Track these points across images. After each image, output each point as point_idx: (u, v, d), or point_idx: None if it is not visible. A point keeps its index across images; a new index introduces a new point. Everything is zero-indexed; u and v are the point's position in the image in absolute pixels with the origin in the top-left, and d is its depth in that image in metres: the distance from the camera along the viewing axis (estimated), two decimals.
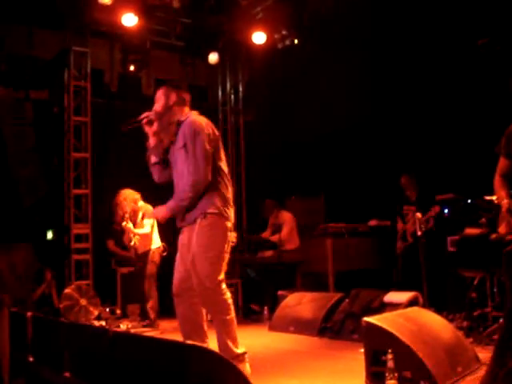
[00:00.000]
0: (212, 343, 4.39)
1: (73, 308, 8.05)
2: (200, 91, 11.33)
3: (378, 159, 8.72)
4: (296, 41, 9.38)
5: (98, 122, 9.50)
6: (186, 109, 4.51)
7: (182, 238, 4.41)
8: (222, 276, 4.25)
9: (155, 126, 4.48)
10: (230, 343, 4.20)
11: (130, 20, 8.72)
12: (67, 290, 8.19)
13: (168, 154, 4.50)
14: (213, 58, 10.07)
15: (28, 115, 9.30)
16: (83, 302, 8.16)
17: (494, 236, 5.02)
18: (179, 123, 4.40)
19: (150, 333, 6.98)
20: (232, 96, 11.31)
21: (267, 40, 9.50)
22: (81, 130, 9.29)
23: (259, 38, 9.49)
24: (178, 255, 4.44)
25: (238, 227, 10.59)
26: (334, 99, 8.86)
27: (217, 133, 4.50)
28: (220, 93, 11.34)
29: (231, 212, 4.34)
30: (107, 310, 8.36)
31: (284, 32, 9.41)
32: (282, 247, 8.38)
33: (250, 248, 9.58)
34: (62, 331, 4.58)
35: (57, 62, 9.40)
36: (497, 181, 4.00)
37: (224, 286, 4.26)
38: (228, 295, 4.28)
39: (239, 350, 4.24)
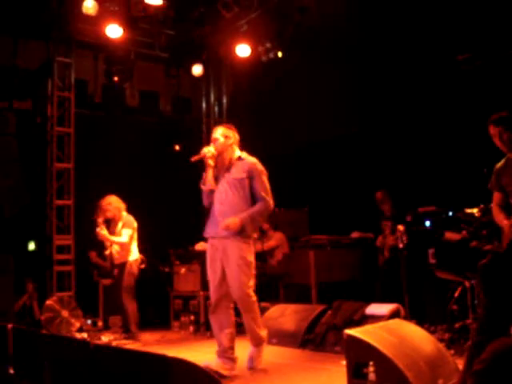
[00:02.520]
0: (197, 356, 4.38)
1: (54, 320, 7.99)
2: (184, 103, 11.36)
3: (361, 172, 8.78)
4: (280, 54, 9.44)
5: (82, 133, 9.48)
6: (237, 147, 5.46)
7: (214, 253, 5.27)
8: (252, 283, 5.17)
9: (215, 160, 5.33)
10: (256, 329, 5.31)
11: (114, 31, 8.72)
12: (49, 302, 8.13)
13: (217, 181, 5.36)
14: (197, 69, 10.12)
15: (11, 125, 9.25)
16: (65, 313, 8.10)
17: (474, 243, 5.19)
18: (238, 160, 5.36)
19: (131, 345, 6.95)
20: (216, 108, 11.35)
21: (251, 52, 9.55)
22: (64, 140, 9.27)
23: (243, 50, 9.53)
24: (213, 270, 5.30)
25: None
26: (317, 112, 8.92)
27: None
28: (204, 104, 11.37)
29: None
30: (89, 321, 8.31)
31: (268, 45, 9.45)
32: (264, 259, 8.41)
33: None
34: (43, 343, 4.55)
35: (40, 72, 9.38)
36: (495, 209, 4.61)
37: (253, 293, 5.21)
38: (255, 298, 5.24)
39: (263, 333, 5.39)
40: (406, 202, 7.41)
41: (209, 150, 5.30)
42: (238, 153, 5.41)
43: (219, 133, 5.40)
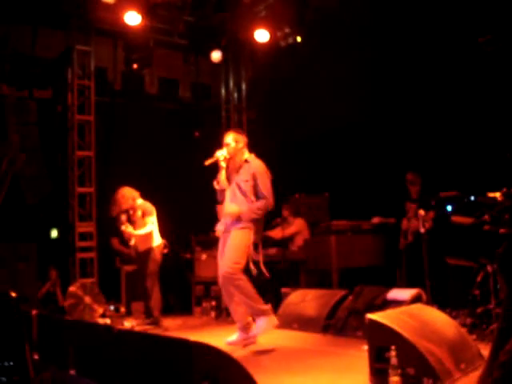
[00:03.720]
0: (219, 341, 4.40)
1: (77, 306, 8.09)
2: (203, 89, 11.36)
3: (382, 156, 8.72)
4: (299, 38, 9.38)
5: (102, 121, 9.53)
6: (247, 149, 6.00)
7: (221, 243, 5.93)
8: (238, 267, 5.66)
9: (226, 162, 5.93)
10: (253, 304, 5.67)
11: (133, 18, 8.73)
12: (72, 288, 8.23)
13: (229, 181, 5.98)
14: (216, 56, 10.09)
15: (32, 114, 9.33)
16: (88, 299, 8.19)
17: (487, 227, 5.11)
18: (245, 162, 5.89)
19: (153, 331, 7.01)
20: (235, 94, 11.32)
21: (270, 38, 9.51)
22: (84, 128, 9.32)
23: (262, 35, 9.49)
24: (220, 253, 5.89)
25: None
26: (337, 96, 8.85)
27: None
28: (223, 91, 11.36)
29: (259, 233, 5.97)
30: (112, 307, 8.39)
31: (287, 30, 9.41)
32: (285, 245, 8.42)
33: (254, 245, 9.59)
34: (67, 329, 4.61)
35: (60, 60, 9.43)
36: None
37: (239, 274, 5.69)
38: (243, 277, 5.70)
39: (264, 307, 5.72)
40: (431, 186, 7.36)
41: (222, 154, 5.88)
42: (246, 155, 5.94)
43: (230, 138, 5.96)
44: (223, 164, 5.91)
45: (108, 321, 7.79)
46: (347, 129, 9.10)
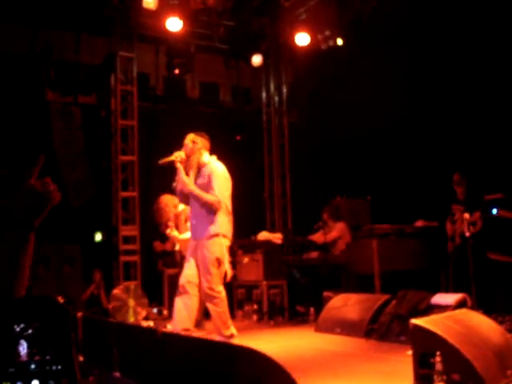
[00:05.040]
0: (261, 345, 4.41)
1: (121, 308, 8.18)
2: (244, 93, 11.41)
3: (424, 159, 8.62)
4: (339, 41, 9.35)
5: (145, 125, 9.65)
6: (207, 153, 5.84)
7: (192, 249, 5.69)
8: (220, 282, 5.58)
9: (184, 164, 5.73)
10: (220, 326, 5.54)
11: (174, 24, 8.83)
12: (116, 291, 8.34)
13: None
14: (256, 59, 10.12)
15: (76, 119, 9.50)
16: (131, 302, 8.28)
17: None
18: (204, 164, 5.74)
19: (197, 333, 7.05)
20: (276, 97, 11.35)
21: (310, 41, 9.50)
22: (127, 133, 9.45)
23: (302, 39, 9.49)
24: (190, 259, 5.69)
25: (283, 228, 10.62)
26: (378, 98, 8.79)
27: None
28: (264, 94, 11.39)
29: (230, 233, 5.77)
30: (155, 310, 8.47)
31: (327, 33, 9.40)
32: (326, 248, 8.38)
33: (296, 249, 9.58)
34: (112, 331, 4.67)
35: (104, 66, 9.58)
36: None
37: (221, 288, 5.60)
38: (222, 295, 5.59)
39: (227, 333, 5.53)
40: (477, 187, 7.23)
41: (178, 155, 5.71)
42: (205, 157, 5.79)
43: (188, 139, 5.82)
44: (179, 165, 5.71)
45: (151, 323, 7.86)
46: (389, 131, 9.03)
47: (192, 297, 5.57)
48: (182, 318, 5.56)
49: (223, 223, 5.65)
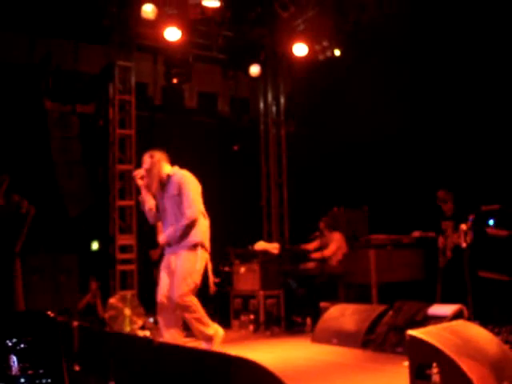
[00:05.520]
0: (258, 355, 4.39)
1: (117, 318, 8.17)
2: (242, 103, 11.44)
3: (421, 170, 8.64)
4: (337, 52, 9.39)
5: (142, 135, 9.66)
6: (167, 164, 5.65)
7: (166, 262, 5.56)
8: (191, 293, 5.35)
9: (146, 180, 5.59)
10: (202, 328, 5.39)
11: (172, 34, 8.85)
12: (112, 300, 8.32)
13: (157, 201, 5.65)
14: (254, 70, 10.15)
15: (74, 129, 9.52)
16: (127, 311, 8.27)
17: None
18: (169, 176, 5.57)
19: (193, 343, 7.03)
20: (274, 107, 11.37)
21: (308, 51, 9.54)
22: (125, 142, 9.46)
23: (300, 49, 9.53)
24: (163, 274, 5.54)
25: (280, 238, 10.62)
26: (376, 109, 8.83)
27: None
28: (262, 104, 11.41)
29: (207, 243, 5.59)
30: (151, 320, 8.44)
31: (325, 43, 9.43)
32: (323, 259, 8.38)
33: (293, 259, 9.57)
34: (108, 341, 4.66)
35: (102, 76, 9.60)
36: None
37: (192, 297, 5.36)
38: (194, 301, 5.37)
39: (211, 331, 5.47)
40: (468, 200, 7.24)
41: (138, 172, 5.62)
42: (167, 168, 5.62)
43: (145, 156, 5.67)
44: (140, 182, 5.60)
45: (147, 333, 7.85)
46: (386, 141, 9.05)
47: (175, 310, 5.44)
48: (171, 336, 5.42)
49: (200, 231, 5.51)
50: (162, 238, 5.57)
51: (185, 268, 5.37)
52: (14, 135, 8.91)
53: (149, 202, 5.63)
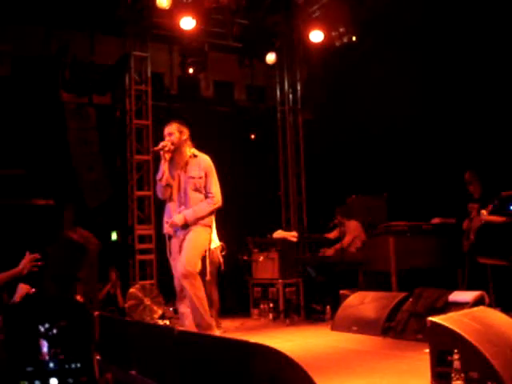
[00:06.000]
0: (277, 343, 4.39)
1: (137, 307, 8.22)
2: (258, 91, 11.40)
3: (441, 156, 8.55)
4: (354, 38, 9.30)
5: (159, 125, 9.65)
6: (190, 143, 5.51)
7: (176, 248, 5.36)
8: (198, 266, 5.21)
9: (170, 154, 5.37)
10: (202, 311, 5.13)
11: (188, 23, 8.83)
12: (132, 290, 8.38)
13: (175, 178, 5.43)
14: (270, 58, 10.10)
15: (91, 120, 9.54)
16: (147, 301, 8.32)
17: None
18: (193, 157, 5.43)
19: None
20: (290, 95, 11.31)
21: (325, 38, 9.46)
22: (142, 132, 9.48)
23: (316, 36, 9.46)
24: (174, 260, 5.38)
25: (298, 226, 10.61)
26: (393, 95, 8.74)
27: None
28: (278, 92, 11.37)
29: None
30: (171, 309, 8.49)
31: (342, 29, 9.34)
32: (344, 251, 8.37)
33: (311, 247, 9.57)
34: (129, 330, 4.69)
35: (118, 67, 9.61)
36: None
37: (198, 269, 5.20)
38: (199, 279, 5.19)
39: (211, 321, 5.32)
40: (496, 184, 7.14)
41: (166, 144, 5.35)
42: (192, 149, 5.48)
43: (174, 128, 5.43)
44: (167, 156, 5.34)
45: (167, 322, 7.89)
46: (404, 127, 8.96)
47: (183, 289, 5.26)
48: (192, 323, 5.25)
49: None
50: (178, 218, 5.28)
51: (197, 240, 5.28)
52: (32, 127, 8.96)
53: (167, 177, 5.39)
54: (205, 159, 5.44)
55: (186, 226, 5.29)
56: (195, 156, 5.44)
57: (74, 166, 9.43)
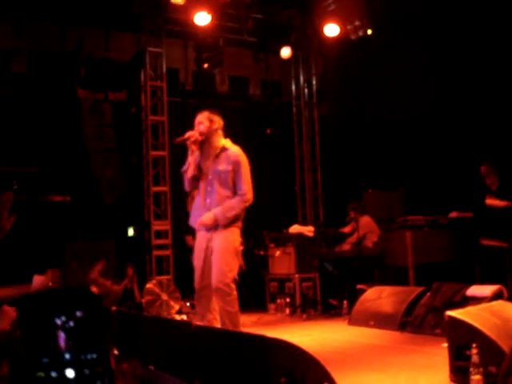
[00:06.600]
0: (295, 338, 4.39)
1: (154, 302, 8.25)
2: (273, 86, 11.39)
3: (458, 149, 8.49)
4: (369, 31, 9.24)
5: (175, 120, 9.68)
6: (222, 133, 5.15)
7: (203, 245, 5.03)
8: (234, 278, 4.89)
9: (198, 145, 5.04)
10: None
11: (202, 18, 8.82)
12: (149, 285, 8.41)
13: (203, 170, 5.10)
14: (285, 52, 10.07)
15: (107, 116, 9.59)
16: (164, 296, 8.34)
17: None
18: (224, 149, 5.05)
19: None
20: (306, 90, 11.27)
21: (340, 32, 9.42)
22: (158, 128, 9.49)
23: (332, 30, 9.41)
24: (199, 258, 5.03)
25: (314, 221, 10.59)
26: (409, 88, 8.68)
27: None
28: (294, 87, 11.33)
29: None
30: (188, 304, 8.51)
31: (357, 23, 9.29)
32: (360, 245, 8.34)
33: (328, 242, 9.54)
34: (146, 325, 4.70)
35: (133, 63, 9.64)
36: None
37: (234, 285, 4.88)
38: (235, 292, 4.88)
39: None
40: (507, 177, 7.09)
41: (193, 134, 5.02)
42: (223, 141, 5.12)
43: (204, 117, 5.10)
44: (193, 147, 5.02)
45: (184, 317, 7.91)
46: (420, 121, 8.91)
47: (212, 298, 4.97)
48: (210, 322, 4.98)
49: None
50: (207, 217, 4.95)
51: (228, 250, 4.92)
52: (48, 124, 9.03)
53: (194, 169, 5.07)
54: (234, 152, 5.06)
55: (215, 226, 4.96)
56: (226, 148, 5.07)
57: (90, 162, 9.49)
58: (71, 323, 1.78)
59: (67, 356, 1.78)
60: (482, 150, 7.97)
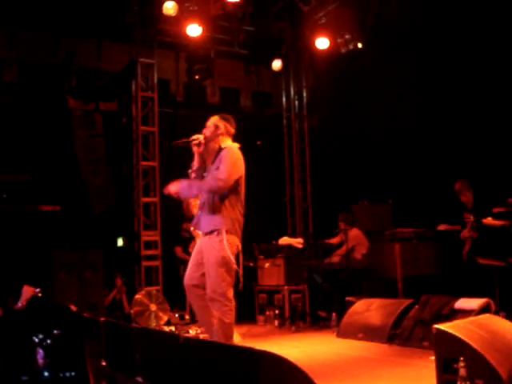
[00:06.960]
0: (283, 350, 4.39)
1: (143, 313, 8.23)
2: (264, 98, 11.42)
3: (446, 163, 8.55)
4: (360, 45, 9.32)
5: (165, 131, 9.69)
6: (229, 140, 5.15)
7: (199, 245, 5.06)
8: (229, 287, 4.84)
9: (202, 148, 5.11)
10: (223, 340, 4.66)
11: (194, 30, 8.87)
12: (138, 296, 8.38)
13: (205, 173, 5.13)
14: (276, 64, 10.13)
15: (98, 126, 9.59)
16: (153, 307, 8.32)
17: None
18: (221, 149, 5.03)
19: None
20: (296, 102, 11.32)
21: (330, 45, 9.49)
22: (148, 139, 9.50)
23: (322, 43, 9.48)
24: (193, 259, 5.05)
25: (304, 233, 10.60)
26: (399, 102, 8.75)
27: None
28: (284, 99, 11.38)
29: (240, 232, 5.11)
30: (176, 315, 8.49)
31: (347, 36, 9.37)
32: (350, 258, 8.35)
33: (317, 254, 9.55)
34: (134, 336, 4.69)
35: (125, 73, 9.65)
36: None
37: (231, 295, 4.85)
38: (233, 303, 4.83)
39: None
40: (490, 192, 7.14)
41: (197, 137, 5.08)
42: (224, 143, 5.08)
43: (211, 121, 5.17)
44: (195, 148, 5.08)
45: (173, 328, 7.89)
46: (410, 134, 8.97)
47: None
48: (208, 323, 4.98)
49: (230, 217, 4.99)
50: (172, 186, 5.01)
51: (212, 256, 4.82)
52: (38, 133, 9.02)
53: (193, 171, 5.12)
54: (226, 149, 5.00)
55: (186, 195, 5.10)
56: (222, 148, 5.02)
57: (80, 171, 9.47)
58: (49, 341, 1.79)
59: (46, 374, 1.79)
60: (471, 163, 8.04)
